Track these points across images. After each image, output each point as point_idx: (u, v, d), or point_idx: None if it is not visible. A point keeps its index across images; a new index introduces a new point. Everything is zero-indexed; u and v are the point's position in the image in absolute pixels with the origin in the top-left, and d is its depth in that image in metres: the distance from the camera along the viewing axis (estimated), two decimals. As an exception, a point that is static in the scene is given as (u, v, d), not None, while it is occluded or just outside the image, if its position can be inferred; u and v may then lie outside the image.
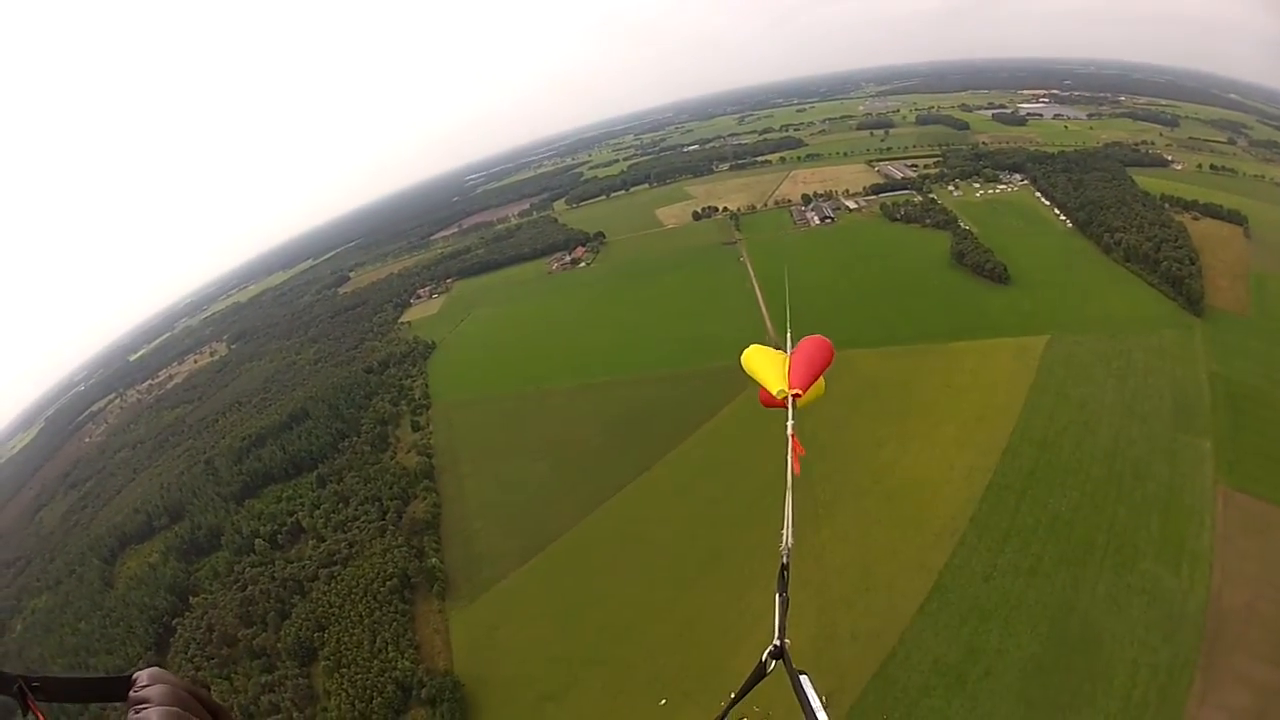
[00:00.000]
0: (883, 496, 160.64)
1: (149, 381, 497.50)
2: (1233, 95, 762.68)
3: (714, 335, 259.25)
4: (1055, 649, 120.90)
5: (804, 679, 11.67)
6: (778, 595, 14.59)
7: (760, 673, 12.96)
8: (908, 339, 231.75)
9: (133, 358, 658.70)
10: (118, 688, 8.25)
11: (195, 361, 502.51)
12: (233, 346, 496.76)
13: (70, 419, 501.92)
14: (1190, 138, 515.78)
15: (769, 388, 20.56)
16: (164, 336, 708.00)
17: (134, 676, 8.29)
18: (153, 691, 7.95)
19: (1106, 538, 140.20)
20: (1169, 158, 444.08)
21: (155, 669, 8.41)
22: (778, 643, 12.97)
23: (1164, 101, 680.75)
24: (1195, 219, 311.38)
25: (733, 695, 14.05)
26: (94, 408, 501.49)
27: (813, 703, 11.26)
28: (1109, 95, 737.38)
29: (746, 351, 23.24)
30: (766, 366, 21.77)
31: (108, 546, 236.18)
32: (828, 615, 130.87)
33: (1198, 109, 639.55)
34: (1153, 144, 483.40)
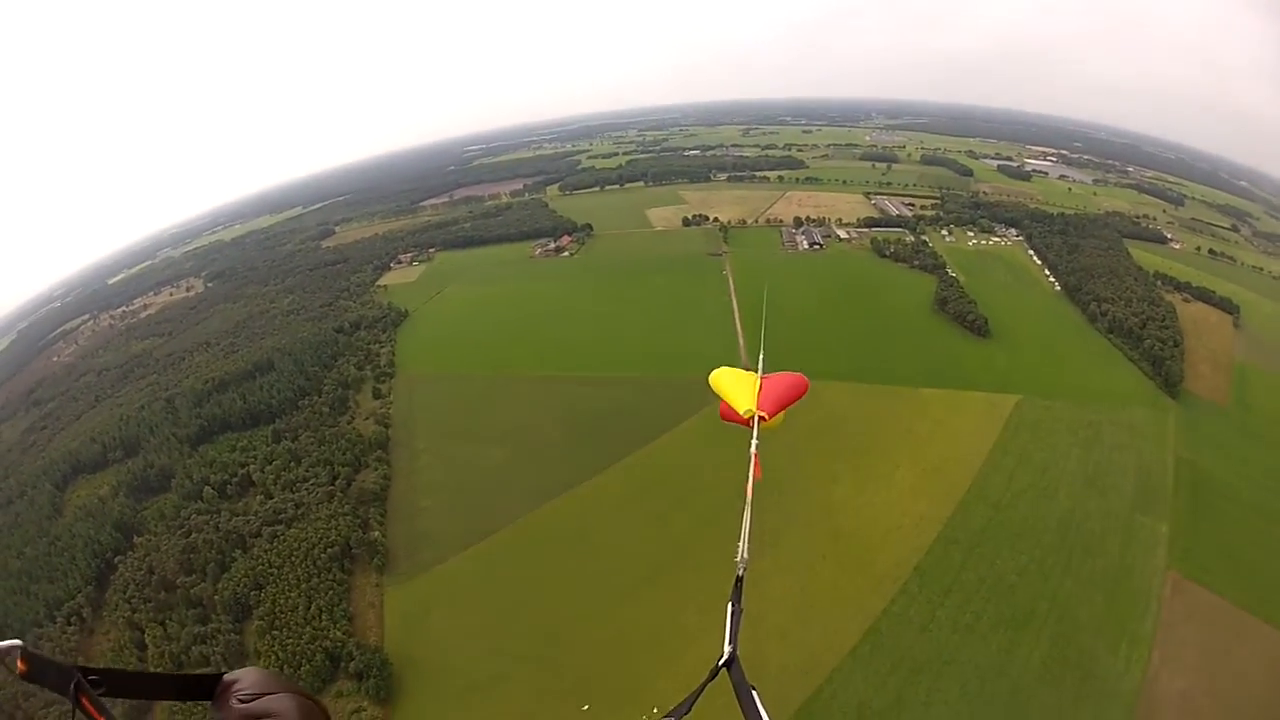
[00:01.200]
0: (830, 533, 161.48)
1: (123, 308, 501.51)
2: (1243, 183, 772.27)
3: (685, 347, 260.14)
4: (982, 711, 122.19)
5: (754, 693, 11.95)
6: (731, 605, 15.34)
7: (711, 677, 13.33)
8: (878, 379, 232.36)
9: (111, 281, 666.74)
10: (205, 687, 8.24)
11: (170, 294, 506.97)
12: (209, 285, 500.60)
13: (42, 335, 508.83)
14: (1193, 218, 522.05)
15: (736, 406, 21.99)
16: (144, 264, 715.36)
17: (227, 678, 8.28)
18: (279, 705, 7.91)
19: (1049, 607, 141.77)
20: (1169, 235, 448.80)
21: (259, 671, 8.39)
22: (729, 650, 13.62)
23: (1172, 178, 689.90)
24: (1186, 301, 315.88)
25: (682, 702, 13.26)
26: (66, 326, 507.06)
27: (761, 715, 11.51)
28: (1117, 164, 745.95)
29: (716, 371, 25.09)
30: (735, 385, 23.26)
31: (61, 472, 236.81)
32: (759, 644, 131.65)
33: (1205, 191, 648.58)
34: (1154, 219, 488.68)
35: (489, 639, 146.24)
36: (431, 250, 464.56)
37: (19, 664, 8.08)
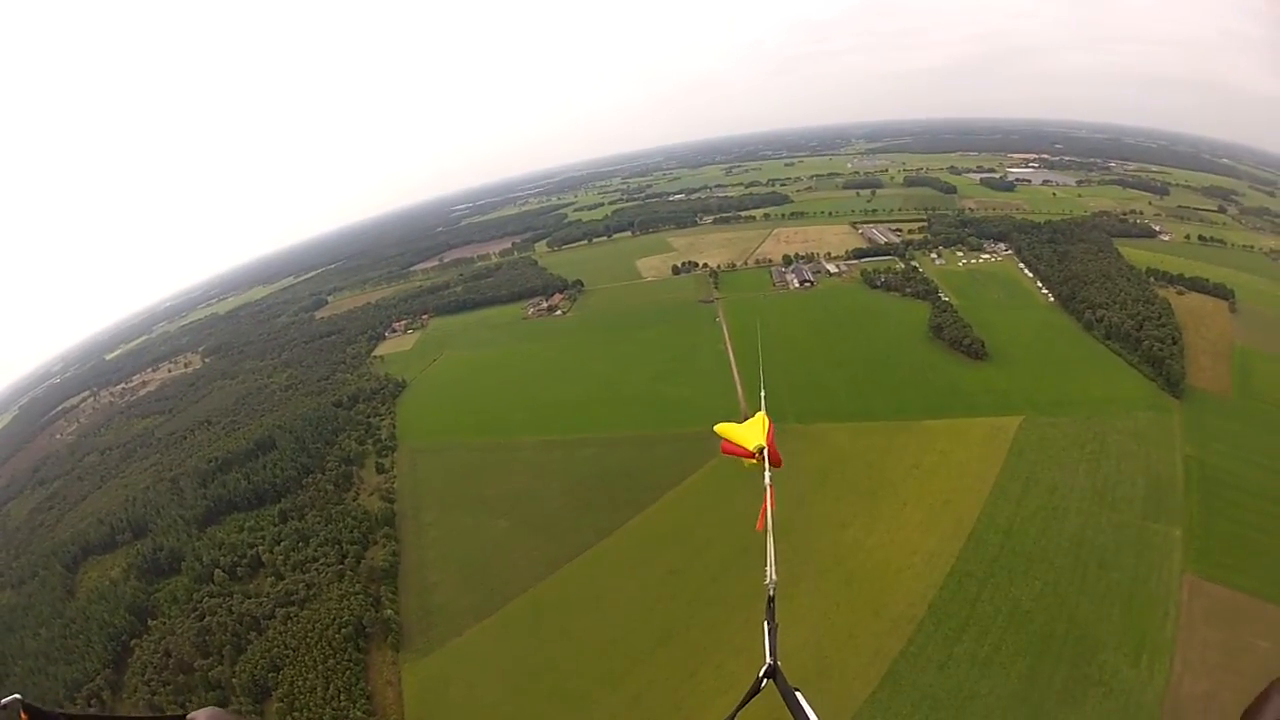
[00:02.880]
0: (843, 578, 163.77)
1: (122, 385, 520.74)
2: (1225, 160, 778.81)
3: (684, 399, 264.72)
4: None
5: (799, 695, 12.93)
6: (766, 623, 15.94)
7: (755, 689, 14.21)
8: (880, 415, 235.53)
9: (109, 356, 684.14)
10: None
11: (169, 370, 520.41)
12: (207, 360, 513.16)
13: (43, 411, 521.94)
14: (1180, 206, 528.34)
15: (745, 443, 22.31)
16: (141, 339, 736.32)
17: (189, 718, 8.91)
18: None
19: (1066, 628, 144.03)
20: (1157, 228, 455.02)
21: (220, 711, 9.25)
22: (770, 662, 14.45)
23: (1155, 168, 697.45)
24: (1180, 293, 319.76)
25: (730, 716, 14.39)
26: (67, 404, 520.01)
27: (809, 716, 12.48)
28: (1099, 161, 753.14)
29: (719, 426, 24.38)
30: (741, 430, 23.27)
31: (70, 553, 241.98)
32: (776, 697, 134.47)
33: (1189, 175, 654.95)
34: (1141, 214, 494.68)
35: (508, 710, 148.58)
36: (425, 316, 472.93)
37: (20, 716, 9.75)
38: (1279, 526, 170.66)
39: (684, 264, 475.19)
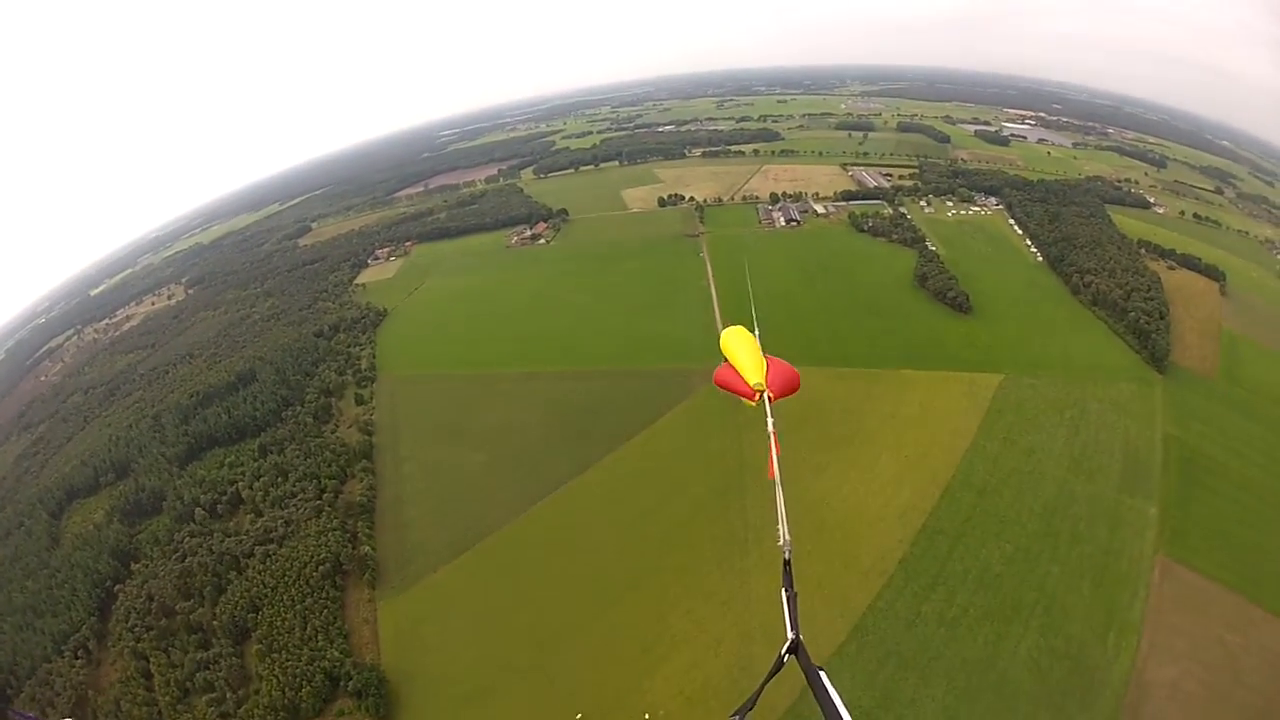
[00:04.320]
0: (815, 527, 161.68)
1: (106, 320, 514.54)
2: (1226, 143, 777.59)
3: (664, 334, 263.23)
4: (970, 706, 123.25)
5: (823, 674, 12.76)
6: (784, 592, 16.05)
7: (778, 666, 14.19)
8: (860, 361, 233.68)
9: (93, 292, 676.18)
10: None
11: (152, 303, 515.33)
12: (190, 291, 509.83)
13: (30, 353, 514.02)
14: (1176, 181, 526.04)
15: (746, 377, 21.69)
16: (126, 272, 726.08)
17: None
18: None
19: (1036, 596, 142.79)
20: (1152, 200, 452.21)
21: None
22: (792, 637, 14.47)
23: (1153, 139, 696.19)
24: (1171, 268, 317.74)
25: (748, 699, 14.54)
26: (53, 343, 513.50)
27: (832, 697, 12.19)
28: (1097, 126, 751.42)
29: (729, 330, 24.66)
30: (747, 355, 22.82)
31: (55, 499, 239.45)
32: (746, 645, 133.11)
33: (1188, 152, 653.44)
34: (1136, 183, 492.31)
35: (481, 649, 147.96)
36: (408, 243, 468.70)
37: None
38: (1255, 519, 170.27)
39: (670, 196, 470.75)
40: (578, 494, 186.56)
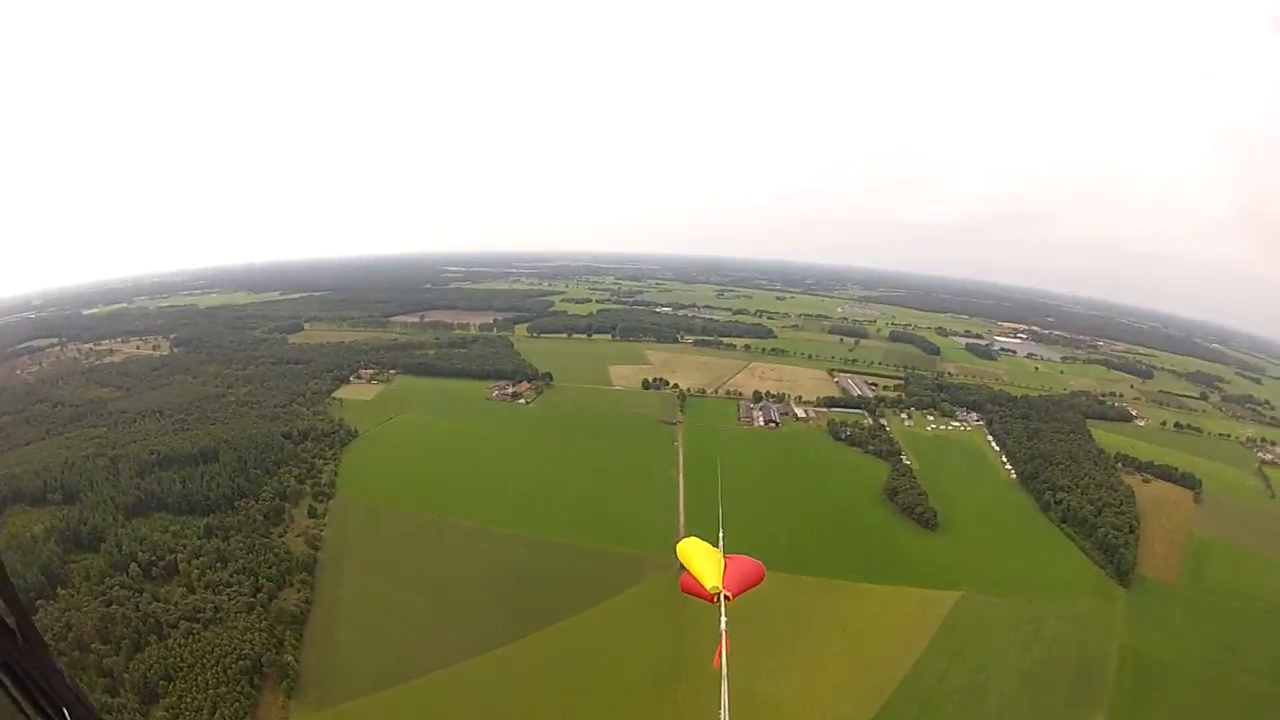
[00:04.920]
0: None
1: (91, 345, 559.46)
2: (1216, 345, 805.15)
3: (625, 518, 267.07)
4: None
5: None
6: None
7: None
8: (818, 570, 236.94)
9: (86, 312, 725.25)
10: None
11: (137, 347, 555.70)
12: (175, 350, 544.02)
13: (12, 342, 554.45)
14: (1161, 391, 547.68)
15: (703, 581, 25.36)
16: (120, 305, 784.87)
17: None
18: None
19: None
20: (1134, 412, 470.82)
21: None
22: None
23: (1143, 350, 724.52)
24: (1146, 481, 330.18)
25: None
26: (35, 343, 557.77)
27: None
28: (1088, 338, 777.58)
29: (684, 541, 29.21)
30: (703, 559, 26.96)
31: (1, 492, 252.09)
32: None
33: (1175, 360, 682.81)
34: (1120, 396, 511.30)
35: None
36: (392, 371, 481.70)
37: None
38: (1206, 713, 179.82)
39: (656, 379, 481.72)
40: (510, 659, 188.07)
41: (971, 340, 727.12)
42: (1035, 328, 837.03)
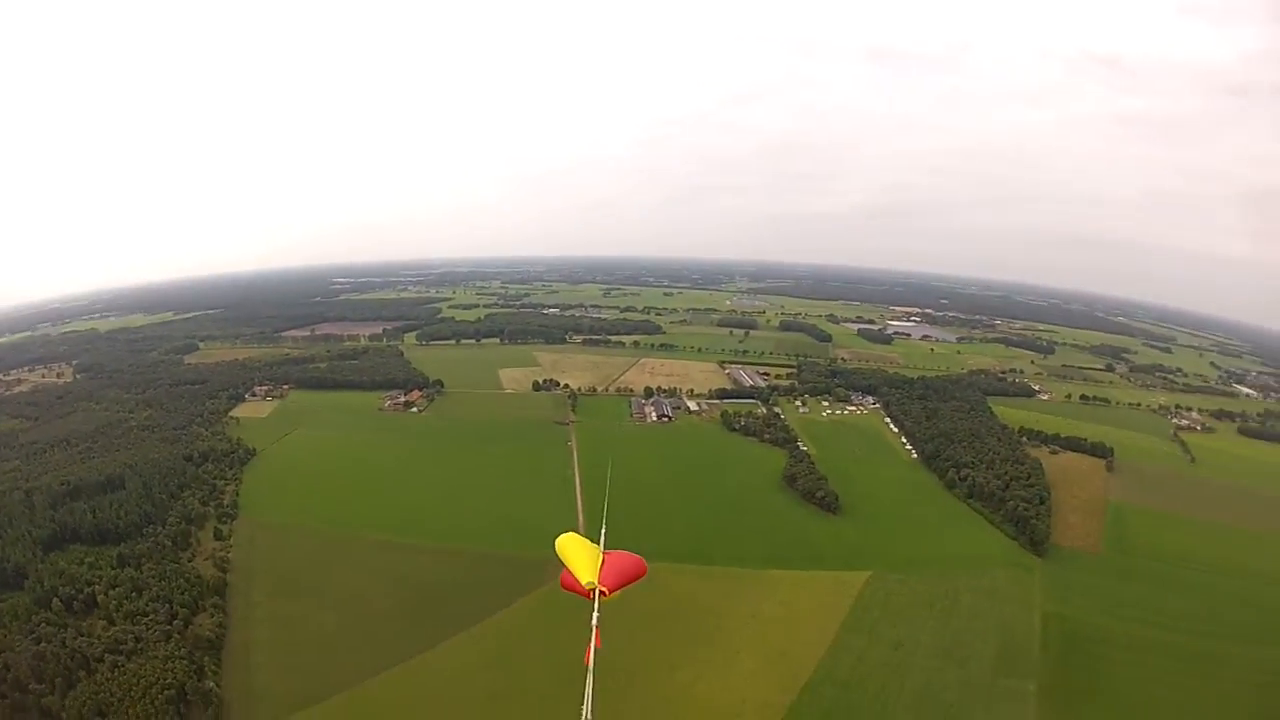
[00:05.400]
0: None
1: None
2: (1120, 317, 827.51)
3: (524, 520, 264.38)
4: None
5: None
6: None
7: None
8: (723, 560, 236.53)
9: None
10: None
11: (43, 375, 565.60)
12: (78, 376, 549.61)
13: None
14: (1064, 365, 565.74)
15: (579, 577, 24.50)
16: (24, 334, 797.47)
17: None
18: None
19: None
20: (1036, 387, 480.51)
21: None
22: None
23: (1042, 326, 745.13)
24: (1054, 453, 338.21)
25: None
26: None
27: None
28: (984, 318, 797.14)
29: (562, 537, 28.09)
30: (580, 555, 25.92)
31: None
32: None
33: (1077, 334, 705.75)
34: (1021, 372, 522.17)
35: None
36: (286, 387, 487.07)
37: None
38: (1137, 672, 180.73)
39: (546, 381, 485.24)
40: (427, 668, 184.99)
41: (864, 325, 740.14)
42: (929, 310, 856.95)
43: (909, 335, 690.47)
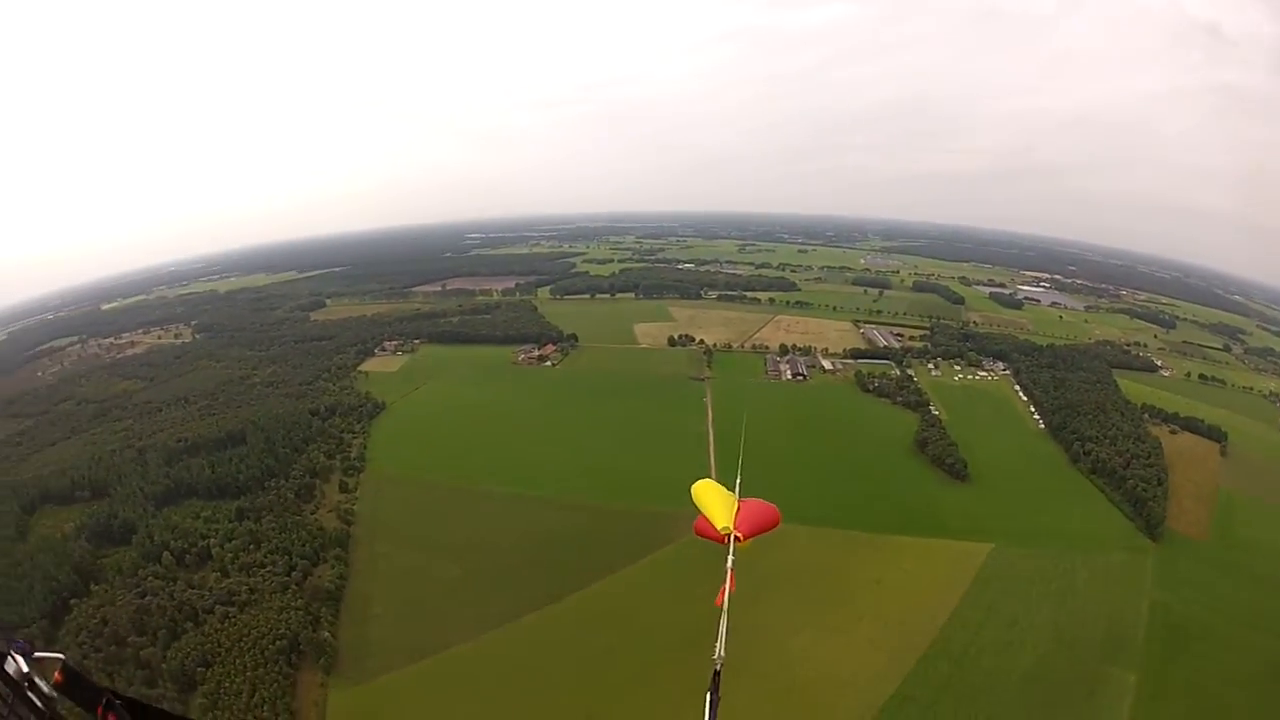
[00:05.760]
0: (783, 687, 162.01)
1: (111, 339, 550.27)
2: (1237, 297, 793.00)
3: (655, 476, 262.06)
4: None
5: None
6: (709, 694, 18.10)
7: None
8: (850, 524, 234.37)
9: (105, 307, 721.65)
10: None
11: (159, 337, 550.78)
12: (197, 336, 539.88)
13: (31, 345, 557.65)
14: (1185, 341, 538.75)
15: (715, 523, 25.03)
16: (139, 297, 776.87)
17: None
18: None
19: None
20: (1159, 363, 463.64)
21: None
22: None
23: (1165, 299, 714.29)
24: (1173, 432, 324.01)
25: None
26: (55, 343, 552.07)
27: None
28: (1110, 287, 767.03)
29: (699, 483, 28.79)
30: (716, 501, 26.54)
31: (29, 496, 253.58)
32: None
33: (1198, 310, 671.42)
34: (1145, 346, 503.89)
35: None
36: (417, 341, 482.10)
37: (56, 675, 10.78)
38: (1234, 676, 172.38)
39: (681, 336, 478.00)
40: (546, 622, 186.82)
41: (995, 289, 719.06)
42: (1058, 276, 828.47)
43: (1039, 301, 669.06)
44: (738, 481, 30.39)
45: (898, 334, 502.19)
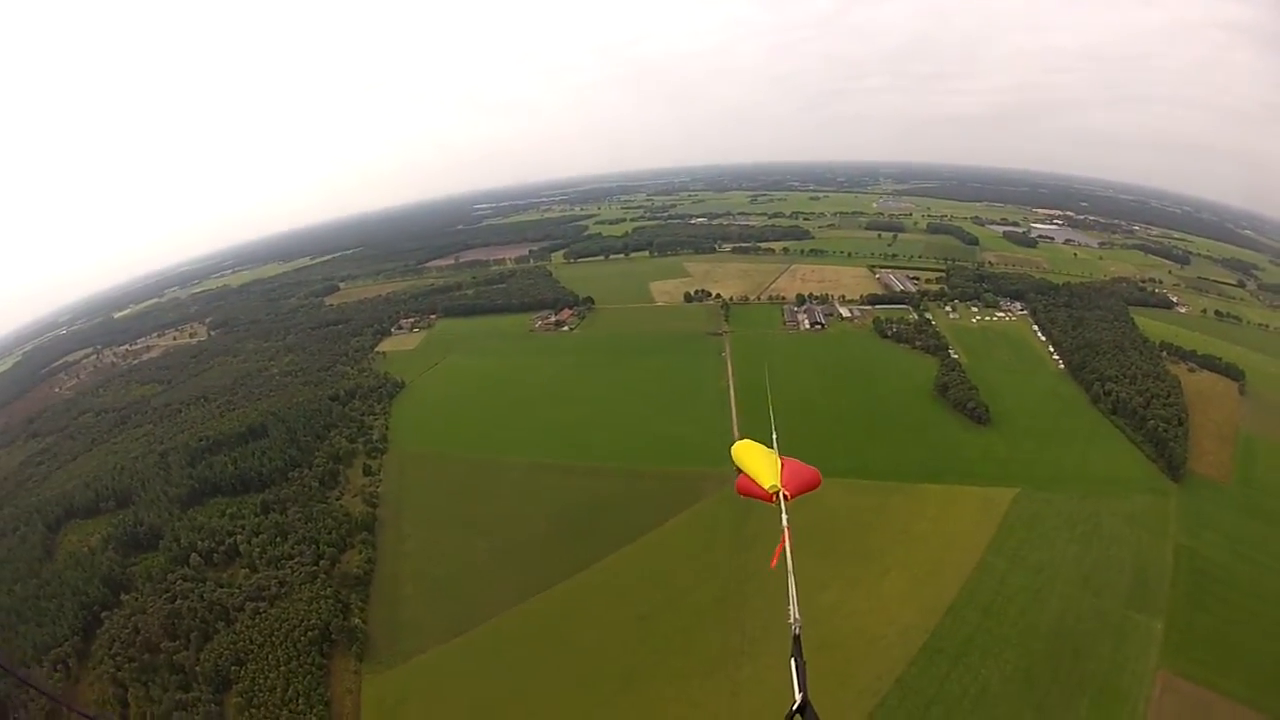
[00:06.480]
0: (815, 643, 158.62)
1: (126, 346, 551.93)
2: (1248, 231, 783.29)
3: (678, 436, 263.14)
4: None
5: None
6: (794, 659, 16.80)
7: None
8: (876, 474, 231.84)
9: (117, 315, 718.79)
10: None
11: (174, 338, 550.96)
12: (212, 333, 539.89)
13: (45, 362, 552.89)
14: (1199, 277, 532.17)
15: (760, 481, 23.24)
16: (151, 301, 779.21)
17: None
18: None
19: (1034, 716, 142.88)
20: (1175, 299, 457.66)
21: None
22: (800, 697, 15.42)
23: (1178, 235, 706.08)
24: (1191, 370, 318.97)
25: None
26: (69, 358, 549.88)
27: None
28: (1123, 223, 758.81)
29: (740, 443, 26.37)
30: (760, 460, 24.51)
31: (54, 513, 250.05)
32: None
33: (1211, 245, 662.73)
34: (1160, 282, 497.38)
35: None
36: (433, 316, 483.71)
37: None
38: (1260, 625, 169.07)
39: (697, 292, 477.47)
40: (578, 591, 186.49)
41: (1009, 228, 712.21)
42: (1070, 213, 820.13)
43: (1052, 239, 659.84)
44: (774, 439, 28.90)
45: (914, 278, 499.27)
